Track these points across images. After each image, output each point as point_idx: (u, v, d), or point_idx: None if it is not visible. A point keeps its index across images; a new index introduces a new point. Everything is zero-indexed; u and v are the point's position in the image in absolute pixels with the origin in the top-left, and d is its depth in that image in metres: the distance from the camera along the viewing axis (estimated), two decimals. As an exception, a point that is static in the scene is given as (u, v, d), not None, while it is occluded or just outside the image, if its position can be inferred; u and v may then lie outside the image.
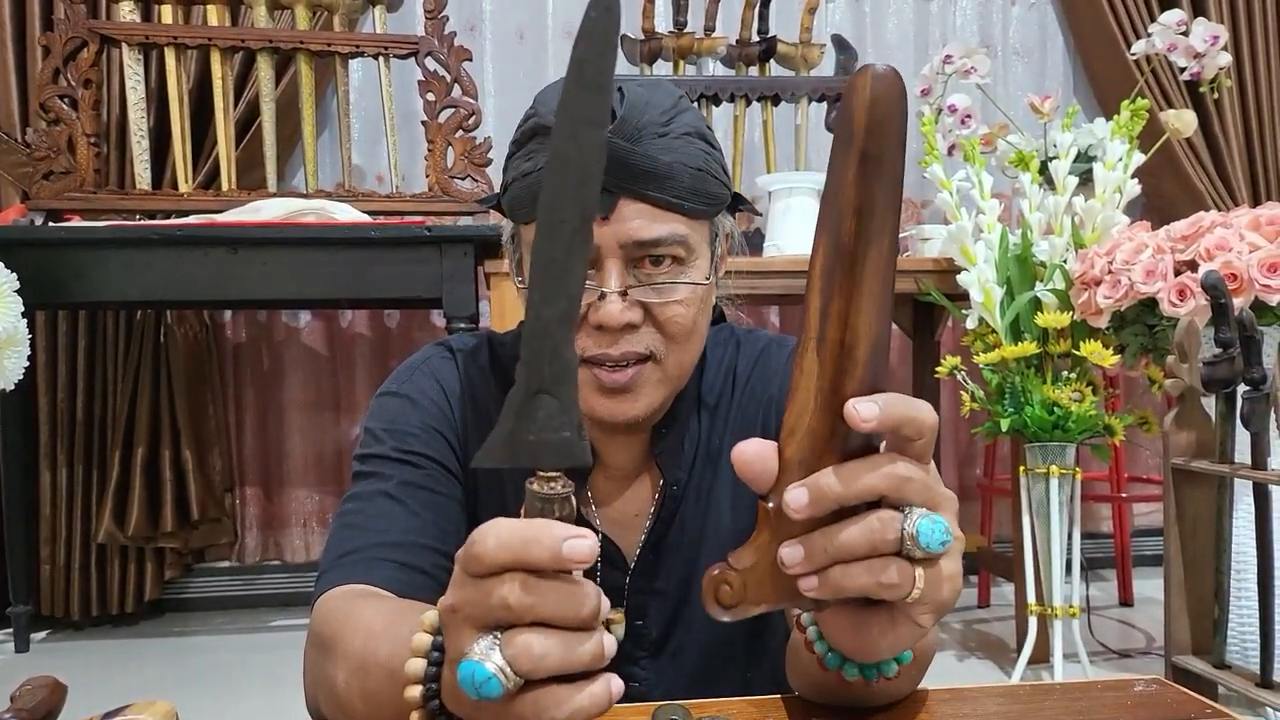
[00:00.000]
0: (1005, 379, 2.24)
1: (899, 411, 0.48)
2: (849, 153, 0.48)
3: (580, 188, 0.46)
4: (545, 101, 0.80)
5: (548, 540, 0.43)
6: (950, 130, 2.72)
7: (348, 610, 0.72)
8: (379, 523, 0.82)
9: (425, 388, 0.90)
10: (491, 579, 0.44)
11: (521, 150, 0.80)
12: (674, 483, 0.89)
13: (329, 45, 2.59)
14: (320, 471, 3.16)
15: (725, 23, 2.95)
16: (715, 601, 0.51)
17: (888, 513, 0.49)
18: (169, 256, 2.28)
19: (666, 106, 0.78)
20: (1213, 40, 2.59)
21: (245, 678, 2.50)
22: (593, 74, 0.45)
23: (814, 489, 0.48)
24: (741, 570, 0.51)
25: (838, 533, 0.48)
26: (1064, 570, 2.22)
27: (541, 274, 0.46)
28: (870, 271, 0.49)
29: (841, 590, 0.49)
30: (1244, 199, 3.22)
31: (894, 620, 0.52)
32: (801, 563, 0.49)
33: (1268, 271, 1.87)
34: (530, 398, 0.46)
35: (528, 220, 0.81)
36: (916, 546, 0.48)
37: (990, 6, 3.42)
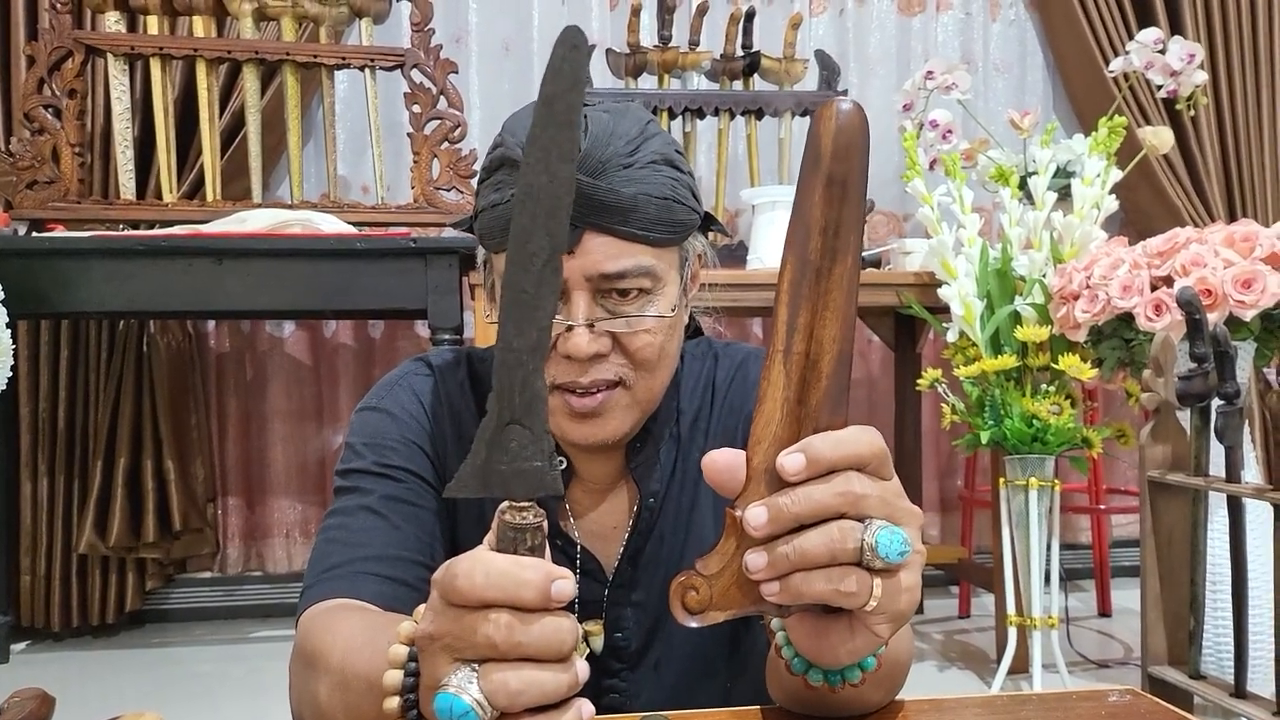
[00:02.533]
0: (985, 392, 2.26)
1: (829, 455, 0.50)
2: (816, 176, 0.51)
3: (550, 220, 0.47)
4: (513, 131, 0.80)
5: (538, 581, 0.45)
6: (931, 145, 2.75)
7: (328, 624, 0.73)
8: (362, 537, 0.83)
9: (404, 402, 0.91)
10: (475, 613, 0.45)
11: (490, 179, 0.82)
12: (649, 495, 0.90)
13: (315, 57, 2.60)
14: (303, 482, 3.16)
15: (709, 37, 2.98)
16: (682, 606, 0.52)
17: (849, 523, 0.50)
18: (153, 267, 2.28)
19: (632, 135, 0.79)
20: (1189, 58, 2.63)
21: (227, 689, 2.49)
22: (562, 109, 0.47)
23: (772, 508, 0.50)
24: (708, 576, 0.52)
25: (800, 541, 0.50)
26: (1043, 581, 2.24)
27: (512, 306, 0.47)
28: (835, 287, 0.51)
29: (802, 596, 0.50)
30: (1220, 214, 3.26)
31: (852, 629, 0.53)
32: (764, 569, 0.50)
33: (1241, 287, 1.90)
34: (502, 428, 0.47)
35: (498, 250, 0.82)
36: (875, 557, 0.49)
37: (971, 23, 3.46)
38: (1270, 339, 2.00)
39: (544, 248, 0.47)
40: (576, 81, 0.48)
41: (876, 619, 0.52)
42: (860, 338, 3.41)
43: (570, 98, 0.47)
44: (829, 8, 3.39)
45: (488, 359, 0.96)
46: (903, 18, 3.43)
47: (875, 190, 3.01)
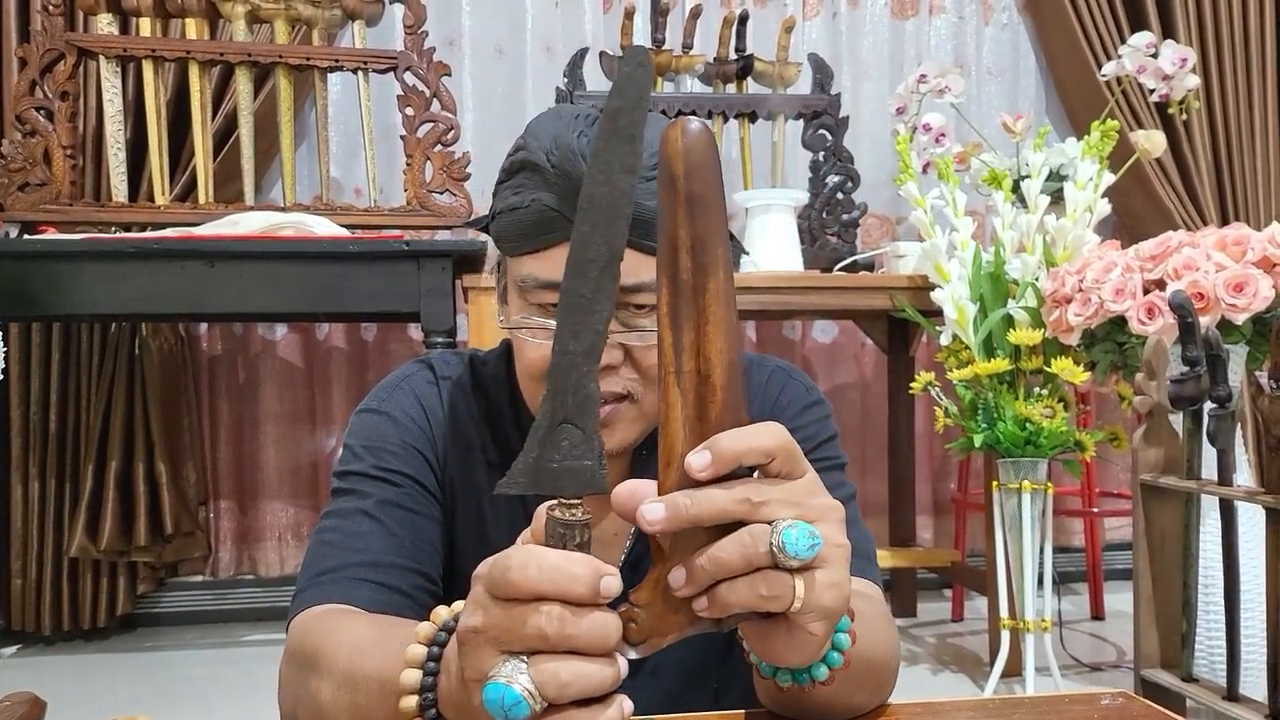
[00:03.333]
0: (978, 395, 2.26)
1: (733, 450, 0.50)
2: (674, 196, 0.51)
3: (609, 229, 0.49)
4: (536, 135, 0.80)
5: (588, 576, 0.46)
6: (925, 148, 2.76)
7: (330, 626, 0.73)
8: (357, 541, 0.83)
9: (405, 405, 0.91)
10: (524, 606, 0.46)
11: (510, 182, 0.81)
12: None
13: (308, 59, 2.59)
14: (295, 485, 3.15)
15: (703, 40, 2.98)
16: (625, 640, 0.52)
17: (758, 527, 0.50)
18: (145, 269, 2.27)
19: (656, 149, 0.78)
20: (1181, 62, 2.64)
21: (218, 693, 2.48)
22: (625, 124, 0.49)
23: (669, 504, 0.50)
24: (643, 606, 0.52)
25: (713, 550, 0.50)
26: (1036, 584, 2.24)
27: (569, 310, 0.49)
28: (712, 301, 0.51)
29: (729, 607, 0.50)
30: (1212, 218, 3.27)
31: (790, 631, 0.53)
32: (686, 584, 0.51)
33: (1234, 291, 1.90)
34: (555, 427, 0.49)
35: (514, 253, 0.82)
36: (786, 556, 0.49)
37: (964, 26, 3.46)
38: (1262, 342, 2.00)
39: (602, 255, 0.49)
40: (640, 98, 0.49)
41: (807, 618, 0.52)
42: (854, 340, 3.41)
43: (634, 113, 0.49)
44: (822, 11, 3.39)
45: (490, 362, 0.96)
46: (896, 21, 3.43)
47: (868, 194, 3.01)
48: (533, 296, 0.81)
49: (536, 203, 0.78)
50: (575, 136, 0.78)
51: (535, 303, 0.81)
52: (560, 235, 0.78)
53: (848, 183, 2.88)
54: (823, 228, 2.86)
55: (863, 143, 3.29)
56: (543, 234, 0.79)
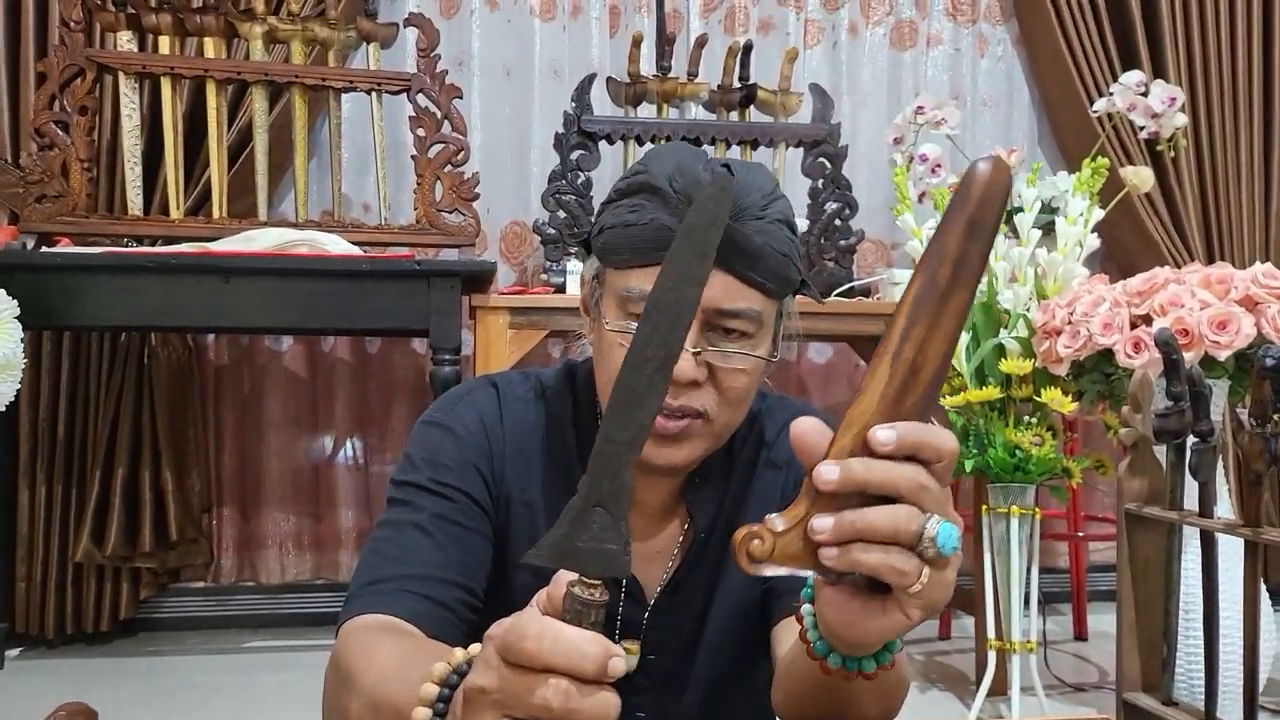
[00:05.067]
0: (970, 421, 2.33)
1: (915, 438, 0.54)
2: (961, 215, 0.56)
3: (669, 334, 0.52)
4: (658, 161, 0.86)
5: (600, 656, 0.49)
6: (921, 178, 2.83)
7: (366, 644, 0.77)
8: (408, 554, 0.87)
9: (467, 420, 0.95)
10: (534, 675, 0.49)
11: (626, 200, 0.86)
12: (702, 530, 0.95)
13: (323, 80, 2.66)
14: (297, 494, 3.19)
15: (708, 68, 3.05)
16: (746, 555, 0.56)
17: (913, 509, 0.54)
18: (162, 283, 2.33)
19: (766, 191, 0.85)
20: (1170, 101, 2.71)
21: (218, 699, 2.52)
22: (700, 240, 0.52)
23: (844, 468, 0.54)
24: (775, 532, 0.56)
25: (867, 514, 0.54)
26: (1022, 606, 2.31)
27: (620, 402, 0.52)
28: (952, 312, 0.56)
29: (857, 565, 0.54)
30: (1198, 252, 3.34)
31: (886, 610, 0.57)
32: (829, 532, 0.54)
33: (1217, 329, 1.97)
34: (588, 509, 0.51)
35: (619, 265, 0.87)
36: (933, 545, 0.54)
37: (960, 58, 3.54)
38: (1243, 377, 2.07)
39: (658, 355, 0.52)
40: (718, 219, 0.53)
41: (914, 603, 0.56)
42: (847, 361, 3.48)
43: (710, 232, 0.52)
44: (823, 40, 3.47)
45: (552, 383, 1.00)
46: (894, 51, 3.51)
47: (864, 219, 3.08)
48: (634, 307, 0.85)
49: (656, 221, 0.83)
50: (700, 167, 0.84)
51: (635, 313, 0.85)
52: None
53: (845, 210, 2.96)
54: (820, 253, 2.93)
55: (860, 169, 3.36)
56: (659, 250, 0.82)
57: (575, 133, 2.81)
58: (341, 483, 3.21)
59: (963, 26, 3.54)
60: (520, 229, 3.27)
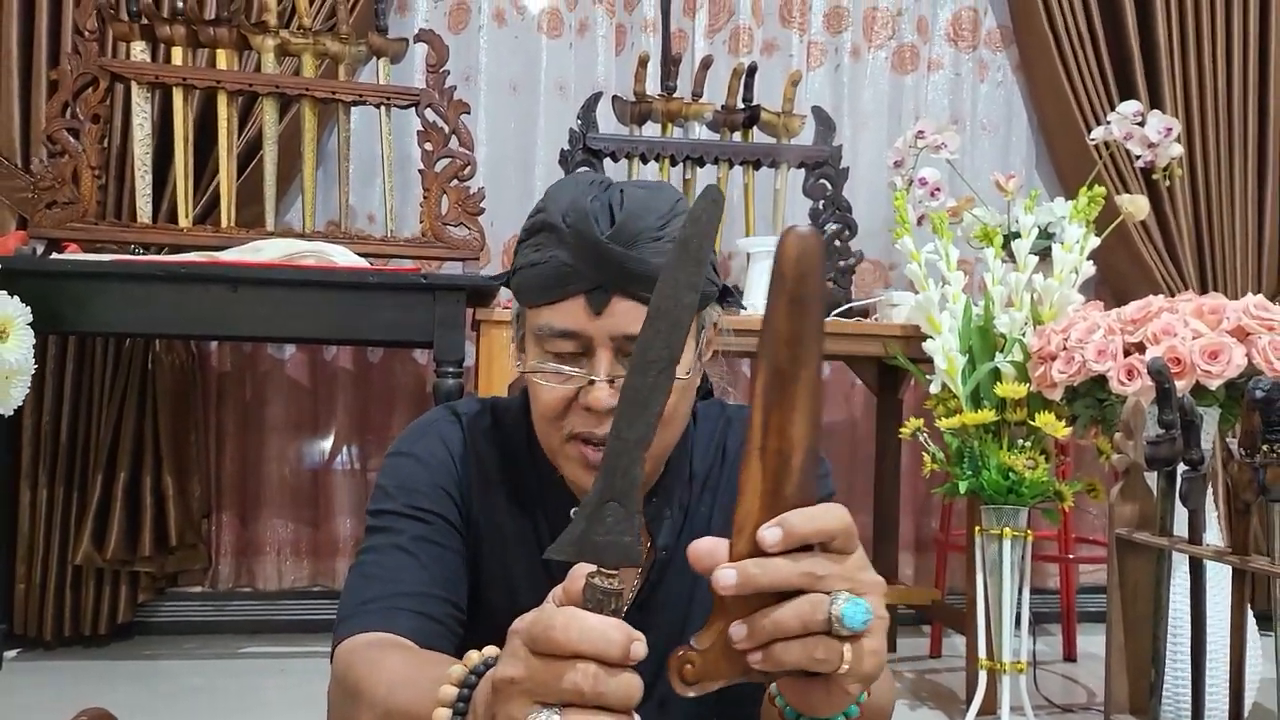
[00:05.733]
0: (965, 443, 2.37)
1: (801, 530, 0.56)
2: (781, 296, 0.57)
3: (670, 335, 0.55)
4: (554, 200, 0.89)
5: (623, 640, 0.52)
6: (920, 201, 2.87)
7: (372, 658, 0.80)
8: (395, 573, 0.91)
9: (433, 448, 0.99)
10: (562, 663, 0.51)
11: (530, 241, 0.90)
12: (662, 548, 0.98)
13: (333, 93, 2.69)
14: (296, 501, 3.22)
15: (712, 89, 3.09)
16: (680, 679, 0.59)
17: (818, 596, 0.56)
18: (171, 291, 2.35)
19: (663, 212, 0.88)
20: (1166, 132, 2.76)
21: (214, 703, 2.54)
22: (694, 249, 0.56)
23: (740, 571, 0.56)
24: (702, 651, 0.58)
25: (776, 614, 0.56)
26: (1013, 626, 2.34)
27: (628, 402, 0.55)
28: (802, 390, 0.57)
29: (781, 664, 0.56)
30: (1192, 280, 3.39)
31: (829, 689, 0.59)
32: (746, 639, 0.56)
33: (1208, 358, 2.01)
34: (602, 504, 0.54)
35: (531, 303, 0.91)
36: (842, 626, 0.55)
37: (960, 83, 3.59)
38: (1234, 405, 2.11)
39: (662, 358, 0.55)
40: (710, 230, 0.57)
41: (848, 680, 0.58)
42: (844, 380, 3.52)
43: (703, 241, 0.56)
44: (825, 62, 3.51)
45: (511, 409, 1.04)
46: (895, 75, 3.56)
47: (864, 240, 3.12)
48: (549, 345, 0.89)
49: (554, 259, 0.87)
50: (589, 200, 0.87)
51: (551, 350, 0.89)
52: (574, 288, 0.87)
53: (845, 231, 3.00)
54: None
55: (859, 190, 3.40)
56: (559, 286, 0.87)
57: (581, 150, 2.85)
58: (340, 490, 3.24)
59: (963, 52, 3.59)
60: (523, 243, 3.30)
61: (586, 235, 0.85)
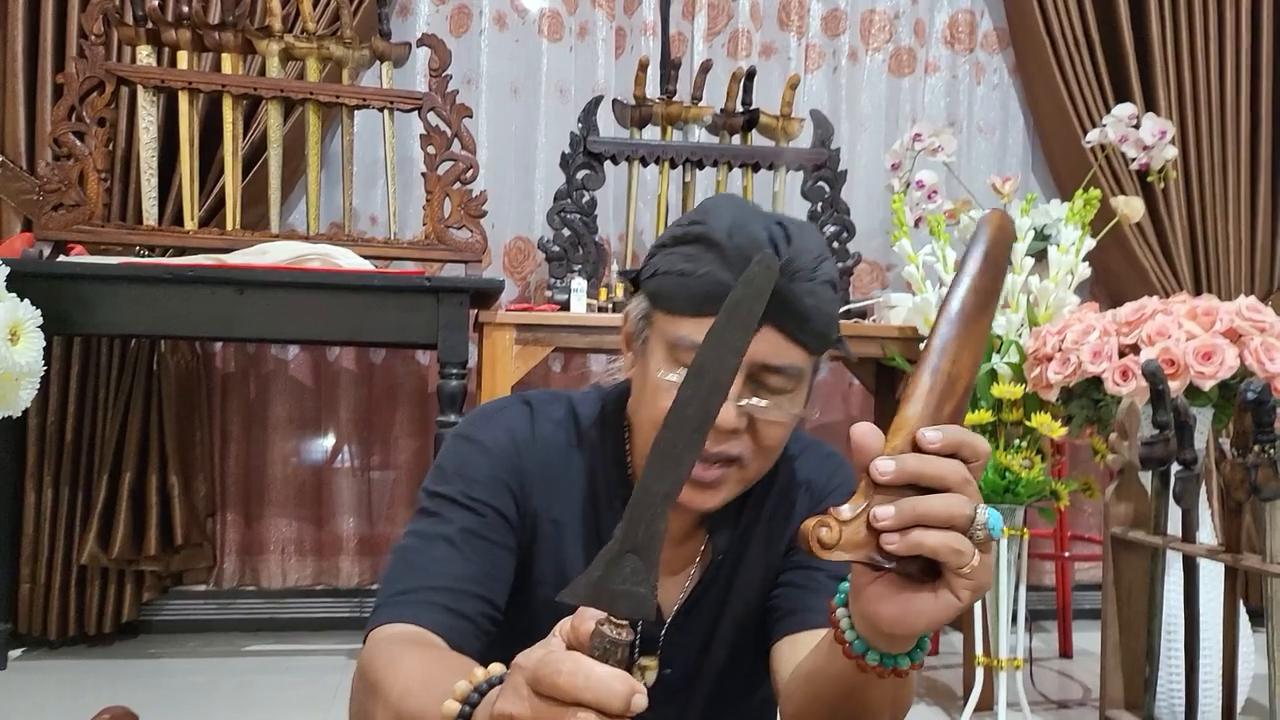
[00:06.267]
0: (962, 443, 2.40)
1: (958, 438, 0.62)
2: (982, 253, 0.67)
3: (710, 397, 0.56)
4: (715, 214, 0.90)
5: (626, 693, 0.52)
6: (917, 204, 2.91)
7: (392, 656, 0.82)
8: (436, 565, 0.92)
9: (498, 436, 0.99)
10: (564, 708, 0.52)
11: (681, 248, 0.90)
12: (719, 553, 1.01)
13: (337, 97, 2.71)
14: (300, 500, 3.24)
15: (711, 93, 3.12)
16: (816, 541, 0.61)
17: (965, 498, 0.60)
18: (178, 294, 2.38)
19: (816, 253, 0.90)
20: (1160, 134, 2.80)
21: (218, 700, 2.56)
22: (744, 314, 0.56)
23: (900, 462, 0.60)
24: (843, 521, 0.62)
25: (926, 500, 0.60)
26: (1010, 623, 2.37)
27: (660, 456, 0.55)
28: (978, 331, 0.66)
29: (917, 548, 0.60)
30: (1186, 280, 3.42)
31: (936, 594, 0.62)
32: (892, 519, 0.60)
33: (1202, 359, 2.05)
34: (622, 554, 0.55)
35: (670, 311, 0.91)
36: (984, 529, 0.60)
37: (957, 85, 3.62)
38: (1227, 405, 2.15)
39: (698, 417, 0.55)
40: (761, 295, 0.57)
41: (964, 584, 0.61)
42: (841, 380, 3.55)
43: (753, 305, 0.56)
44: (823, 65, 3.54)
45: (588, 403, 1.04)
46: (893, 78, 3.59)
47: (862, 242, 3.15)
48: (683, 356, 0.89)
49: (710, 275, 0.87)
50: (758, 227, 0.88)
51: (684, 361, 0.89)
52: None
53: (844, 233, 3.03)
54: (818, 275, 3.00)
55: (857, 192, 3.43)
56: (710, 303, 0.86)
57: (581, 153, 2.87)
58: (344, 490, 3.26)
59: (960, 54, 3.62)
60: (524, 244, 3.34)
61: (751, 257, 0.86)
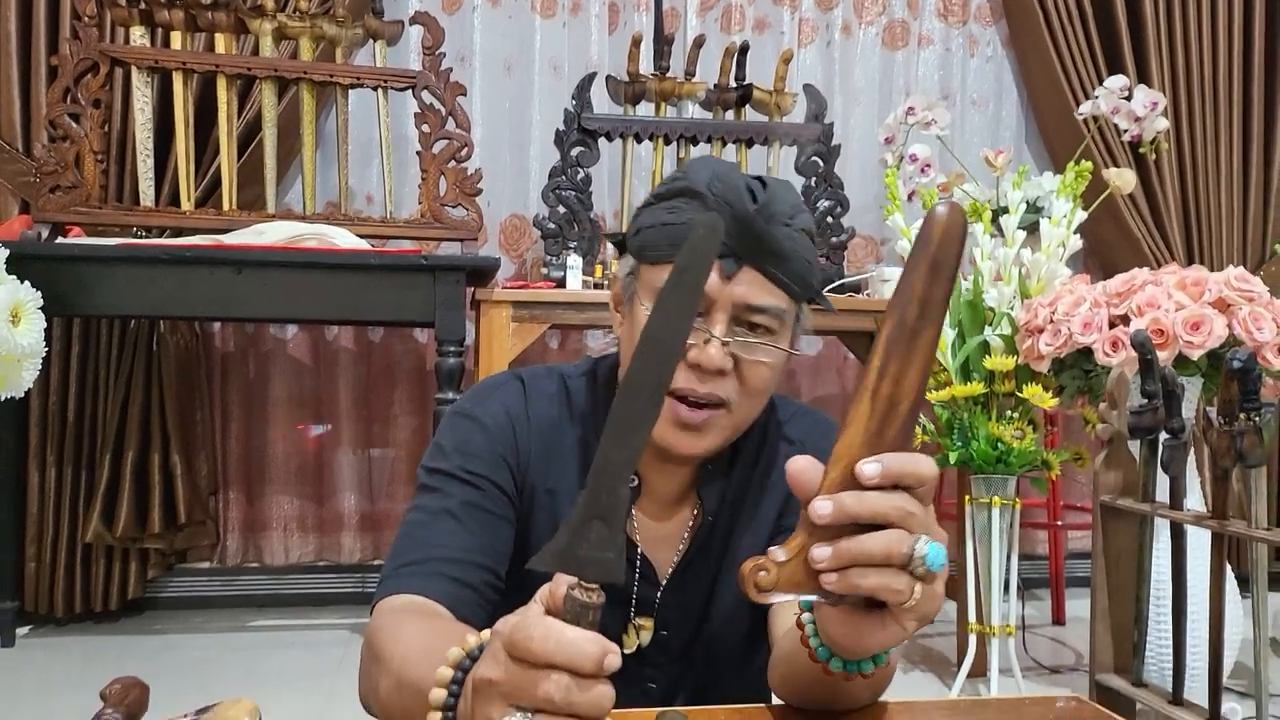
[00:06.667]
0: (955, 415, 2.43)
1: (898, 469, 0.60)
2: (923, 259, 0.62)
3: (662, 365, 0.56)
4: (695, 169, 0.93)
5: (598, 654, 0.53)
6: (911, 178, 2.92)
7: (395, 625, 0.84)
8: (440, 538, 0.94)
9: (494, 412, 1.01)
10: (538, 671, 0.53)
11: (665, 203, 0.93)
12: (710, 514, 1.02)
13: (331, 76, 2.72)
14: (301, 478, 3.27)
15: (705, 68, 3.12)
16: (754, 585, 0.61)
17: (903, 533, 0.59)
18: (175, 274, 2.40)
19: (794, 203, 0.92)
20: (1152, 106, 2.81)
21: (223, 675, 2.60)
22: (690, 278, 0.56)
23: (836, 503, 0.59)
24: (780, 563, 0.61)
25: (861, 541, 0.59)
26: (1002, 591, 2.41)
27: (616, 425, 0.56)
28: (922, 347, 0.62)
29: (855, 588, 0.60)
30: (1179, 250, 3.44)
31: (884, 623, 0.62)
32: (829, 561, 0.60)
33: (1191, 329, 2.07)
34: (587, 521, 0.55)
35: (654, 260, 0.93)
36: (922, 564, 0.59)
37: (950, 58, 3.62)
38: (1216, 375, 2.17)
39: (650, 384, 0.56)
40: (707, 259, 0.56)
41: (908, 616, 0.62)
42: (836, 354, 3.58)
43: (699, 271, 0.56)
44: (817, 39, 3.54)
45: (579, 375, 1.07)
46: (886, 51, 3.59)
47: (855, 216, 3.17)
48: None
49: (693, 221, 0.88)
50: (736, 176, 0.90)
51: None
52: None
53: (837, 207, 3.04)
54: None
55: (851, 165, 3.44)
56: None
57: (576, 130, 2.88)
58: (344, 467, 3.29)
59: (953, 27, 3.62)
60: (520, 222, 3.35)
61: (735, 204, 0.89)
